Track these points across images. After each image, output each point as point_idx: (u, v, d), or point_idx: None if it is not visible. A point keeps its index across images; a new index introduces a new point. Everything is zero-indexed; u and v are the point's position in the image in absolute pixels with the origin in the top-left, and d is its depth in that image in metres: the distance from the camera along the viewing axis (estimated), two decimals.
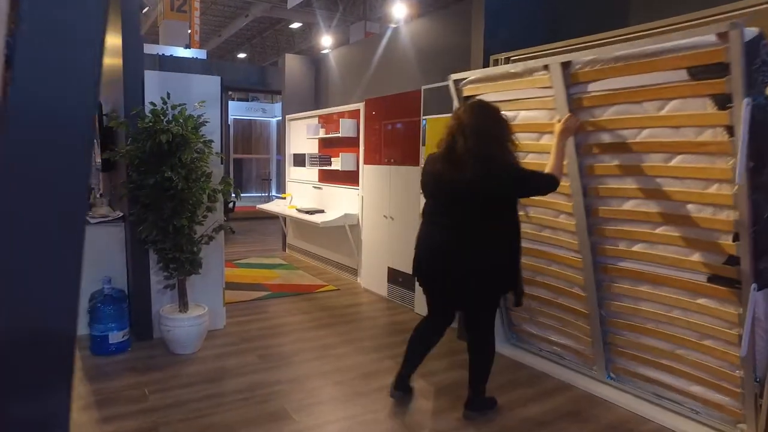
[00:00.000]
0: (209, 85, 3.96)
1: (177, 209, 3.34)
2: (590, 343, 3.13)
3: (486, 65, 3.60)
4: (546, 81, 2.83)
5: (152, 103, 3.42)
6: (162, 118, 3.35)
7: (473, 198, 2.46)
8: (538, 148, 3.06)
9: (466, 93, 3.39)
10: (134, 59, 3.65)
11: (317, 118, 6.40)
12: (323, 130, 6.08)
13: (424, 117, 4.34)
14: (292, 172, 7.21)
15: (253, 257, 7.12)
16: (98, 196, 4.56)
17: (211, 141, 3.67)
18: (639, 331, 2.86)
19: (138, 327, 3.83)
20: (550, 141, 2.82)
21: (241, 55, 21.58)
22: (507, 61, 3.49)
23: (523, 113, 3.10)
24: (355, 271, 5.77)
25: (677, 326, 2.68)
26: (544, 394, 3.09)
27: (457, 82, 3.38)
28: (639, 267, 2.77)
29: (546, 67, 2.78)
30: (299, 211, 6.26)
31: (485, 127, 2.44)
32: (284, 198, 7.20)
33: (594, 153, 2.79)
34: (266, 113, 15.10)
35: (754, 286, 2.31)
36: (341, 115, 5.76)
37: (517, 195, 2.64)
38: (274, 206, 7.10)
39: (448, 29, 5.08)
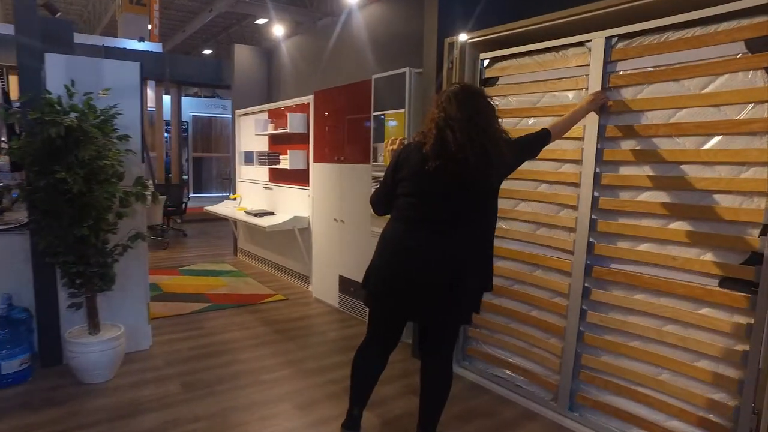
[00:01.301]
0: (126, 71, 3.43)
1: (78, 216, 2.82)
2: (558, 365, 2.74)
3: (440, 49, 3.18)
4: (583, 58, 2.57)
5: (47, 91, 2.89)
6: (58, 108, 2.83)
7: (473, 198, 2.13)
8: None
9: (488, 74, 3.09)
10: (27, 35, 3.08)
11: (267, 113, 5.91)
12: (272, 125, 5.60)
13: (376, 111, 3.91)
14: (243, 172, 6.69)
15: (200, 263, 6.58)
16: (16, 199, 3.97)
17: (126, 137, 3.16)
18: (620, 350, 2.48)
19: (45, 352, 3.30)
20: None
21: (207, 51, 20.80)
22: (463, 44, 3.08)
23: (546, 98, 2.79)
24: (306, 279, 5.31)
25: (668, 344, 2.31)
26: (505, 427, 2.69)
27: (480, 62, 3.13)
28: (638, 270, 2.41)
29: (582, 44, 2.58)
30: (248, 213, 5.76)
31: (475, 118, 2.05)
32: (234, 199, 6.68)
33: (616, 137, 2.46)
34: (227, 110, 14.45)
35: None
36: (290, 109, 5.28)
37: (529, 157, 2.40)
38: (223, 208, 6.57)
39: (403, 13, 4.64)
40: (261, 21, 16.41)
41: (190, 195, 14.28)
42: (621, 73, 2.42)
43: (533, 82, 2.81)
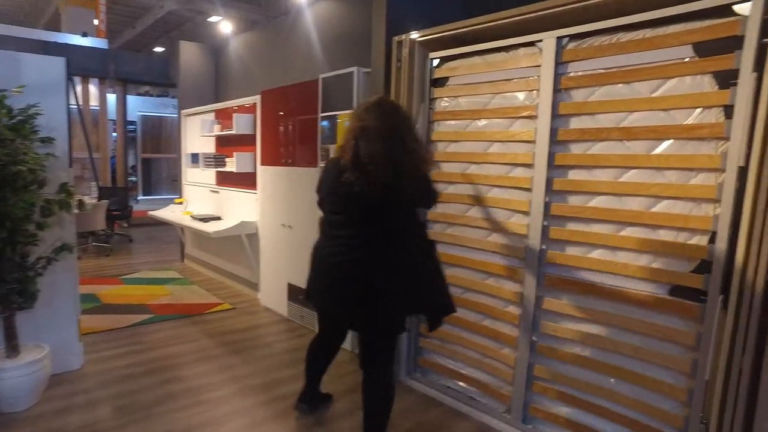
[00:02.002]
0: (50, 67, 3.15)
1: None
2: (512, 376, 2.65)
3: (389, 48, 3.05)
4: (534, 59, 2.47)
5: None
6: None
7: (388, 209, 2.14)
8: (505, 137, 2.63)
9: (438, 75, 2.96)
10: None
11: (214, 114, 5.65)
12: (219, 126, 5.35)
13: (324, 112, 3.75)
14: (189, 174, 6.40)
15: (145, 270, 6.26)
16: None
17: (49, 139, 2.89)
18: (574, 360, 2.40)
19: None
20: (521, 128, 2.56)
21: (159, 49, 20.05)
22: (412, 43, 2.96)
23: (496, 100, 2.68)
24: (255, 286, 5.09)
25: (621, 354, 2.24)
26: None
27: (430, 61, 3.00)
28: (590, 278, 2.33)
29: (533, 44, 2.49)
30: (194, 218, 5.49)
31: (391, 128, 2.12)
32: (180, 203, 6.39)
33: (568, 140, 2.39)
34: (177, 110, 13.96)
35: (721, 297, 1.92)
36: (237, 109, 5.06)
37: (421, 205, 2.44)
38: (169, 213, 6.26)
39: (353, 10, 4.50)
40: (214, 18, 15.94)
41: (140, 197, 13.78)
42: (572, 74, 2.35)
43: (484, 83, 2.72)
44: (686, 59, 2.00)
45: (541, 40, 2.43)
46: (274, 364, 3.52)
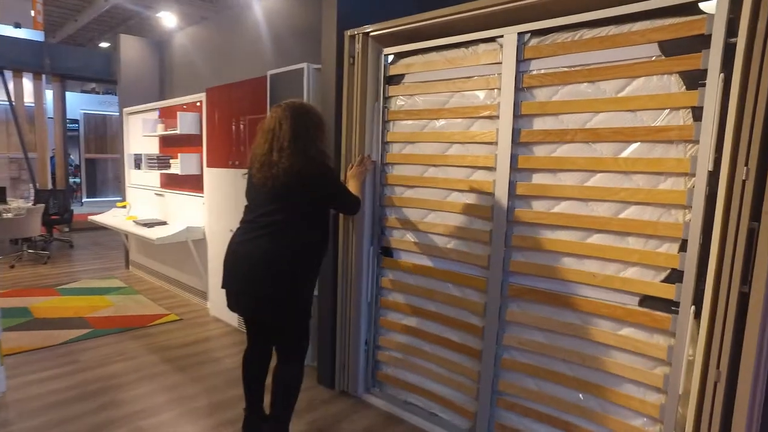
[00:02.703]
0: None
1: None
2: (475, 391, 2.51)
3: (340, 43, 2.86)
4: (494, 55, 2.33)
5: None
6: None
7: (286, 201, 2.24)
8: (465, 138, 2.49)
9: (392, 72, 2.79)
10: None
11: (157, 112, 5.32)
12: (162, 126, 5.03)
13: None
14: (132, 176, 6.03)
15: (86, 279, 5.86)
16: None
17: None
18: (540, 375, 2.28)
19: None
20: (481, 129, 2.43)
21: (104, 44, 19.12)
22: (365, 37, 2.78)
23: (455, 99, 2.53)
24: (204, 295, 4.81)
25: (590, 368, 2.13)
26: None
27: (385, 57, 2.83)
28: (557, 289, 2.21)
29: (493, 40, 2.36)
30: (137, 223, 5.15)
31: (301, 126, 2.23)
32: (123, 207, 6.01)
33: (532, 142, 2.26)
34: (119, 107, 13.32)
35: (693, 308, 1.82)
36: (181, 107, 4.76)
37: (328, 205, 2.44)
38: (111, 217, 5.88)
39: (305, 3, 4.27)
40: (163, 14, 15.32)
41: (84, 200, 13.09)
42: (535, 72, 2.22)
43: (441, 81, 2.56)
44: (653, 58, 1.89)
45: (501, 36, 2.28)
46: (222, 382, 3.28)
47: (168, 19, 5.79)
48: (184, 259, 5.02)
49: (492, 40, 2.33)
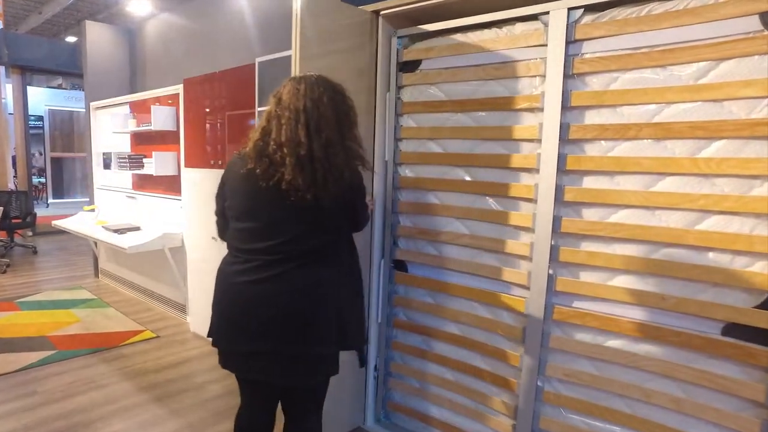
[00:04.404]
0: None
1: None
2: (511, 428, 2.16)
3: None
4: (536, 37, 1.94)
5: None
6: None
7: (323, 217, 1.59)
8: (499, 134, 2.10)
9: (406, 57, 2.37)
10: None
11: (128, 106, 4.84)
12: (134, 121, 4.56)
13: (262, 103, 3.11)
14: (101, 177, 5.53)
15: (50, 290, 5.33)
16: None
17: None
18: (592, 412, 1.94)
19: None
20: (520, 124, 2.04)
21: (71, 39, 18.28)
22: (374, 16, 2.39)
23: (487, 86, 2.13)
24: (183, 308, 4.36)
25: (659, 406, 1.79)
26: None
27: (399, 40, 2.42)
28: (612, 311, 1.86)
29: (535, 17, 1.97)
30: (107, 229, 4.67)
31: (342, 110, 1.59)
32: (91, 210, 5.51)
33: (583, 139, 1.88)
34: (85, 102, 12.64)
35: None
36: (155, 101, 4.30)
37: (356, 222, 1.77)
38: (77, 222, 5.37)
39: None
40: (133, 8, 14.63)
41: (50, 201, 12.38)
42: (588, 56, 1.86)
43: (468, 67, 2.19)
44: (750, 35, 1.55)
45: (546, 12, 1.92)
46: (210, 415, 2.86)
47: (140, 5, 5.28)
48: (160, 269, 4.56)
49: (533, 18, 1.97)
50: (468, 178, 2.21)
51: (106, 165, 5.23)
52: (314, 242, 1.59)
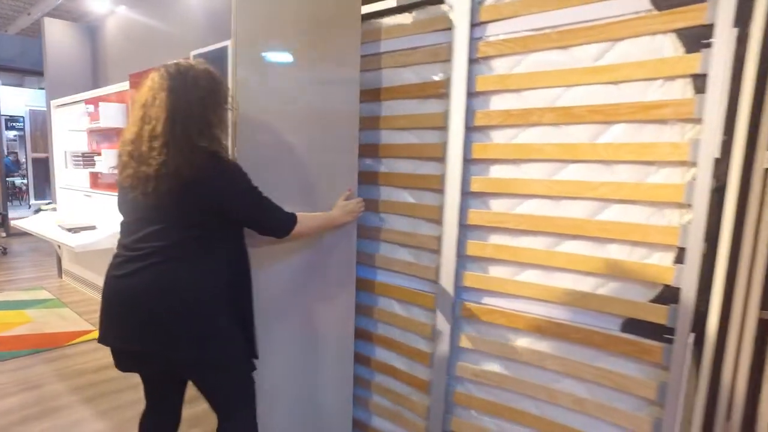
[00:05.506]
0: None
1: None
2: (424, 429, 2.07)
3: None
4: (444, 21, 1.85)
5: None
6: None
7: (169, 217, 1.51)
8: (411, 123, 2.00)
9: None
10: None
11: (84, 104, 4.75)
12: (88, 119, 4.47)
13: None
14: (63, 176, 5.44)
15: (10, 290, 5.24)
16: None
17: None
18: (497, 412, 1.85)
19: None
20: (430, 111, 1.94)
21: None
22: None
23: (397, 74, 2.05)
24: None
25: (561, 405, 1.70)
26: None
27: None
28: (519, 308, 1.77)
29: (441, 1, 1.84)
30: (62, 227, 4.57)
31: (183, 99, 1.48)
32: (52, 210, 5.42)
33: (489, 126, 1.79)
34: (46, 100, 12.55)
35: (692, 336, 1.40)
36: (105, 97, 4.21)
37: (236, 217, 1.60)
38: (37, 221, 5.27)
39: None
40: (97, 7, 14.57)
41: (32, 202, 12.27)
42: (492, 39, 1.77)
43: (377, 55, 2.09)
44: (641, 14, 1.47)
45: None
46: (135, 415, 2.75)
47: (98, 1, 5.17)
48: None
49: (440, 1, 1.89)
50: (384, 170, 2.13)
51: (66, 163, 5.15)
52: (172, 239, 1.50)
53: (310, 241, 1.89)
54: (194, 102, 1.48)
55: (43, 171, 12.72)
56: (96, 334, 3.82)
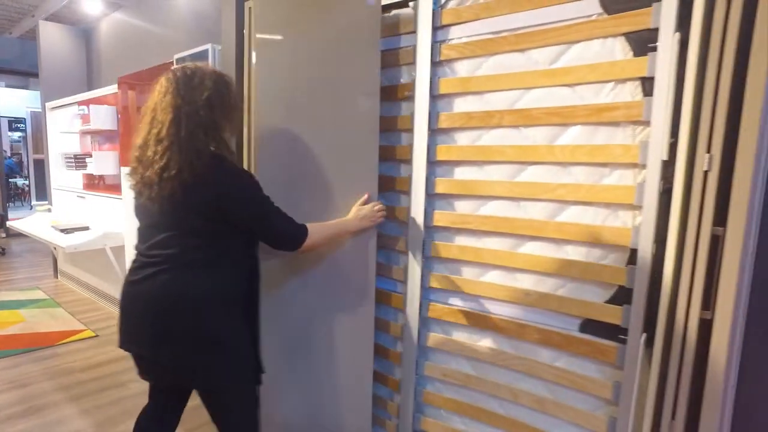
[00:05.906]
0: None
1: None
2: (395, 428, 2.09)
3: (240, 15, 2.41)
4: (408, 24, 1.88)
5: None
6: None
7: (180, 217, 1.49)
8: (383, 126, 1.98)
9: None
10: None
11: (77, 106, 4.80)
12: (81, 121, 4.52)
13: None
14: (58, 178, 5.50)
15: (6, 291, 5.30)
16: None
17: None
18: (462, 411, 1.87)
19: None
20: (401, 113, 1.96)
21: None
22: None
23: None
24: None
25: (523, 405, 1.73)
26: None
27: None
28: (483, 308, 1.79)
29: (406, 4, 1.87)
30: (55, 228, 4.63)
31: (188, 102, 1.47)
32: (47, 211, 5.48)
33: (452, 128, 1.82)
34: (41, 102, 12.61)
35: (644, 337, 1.42)
36: (96, 100, 4.26)
37: (241, 224, 1.54)
38: (32, 222, 5.33)
39: None
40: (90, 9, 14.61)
41: (33, 203, 12.35)
42: (454, 42, 1.79)
43: None
44: (592, 17, 1.49)
45: None
46: (117, 414, 2.80)
47: (91, 4, 5.21)
48: (107, 268, 4.52)
49: (405, 4, 1.91)
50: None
51: (60, 165, 5.21)
52: (179, 247, 1.49)
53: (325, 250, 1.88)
54: (200, 104, 1.46)
55: (43, 172, 12.86)
56: (87, 334, 3.91)
